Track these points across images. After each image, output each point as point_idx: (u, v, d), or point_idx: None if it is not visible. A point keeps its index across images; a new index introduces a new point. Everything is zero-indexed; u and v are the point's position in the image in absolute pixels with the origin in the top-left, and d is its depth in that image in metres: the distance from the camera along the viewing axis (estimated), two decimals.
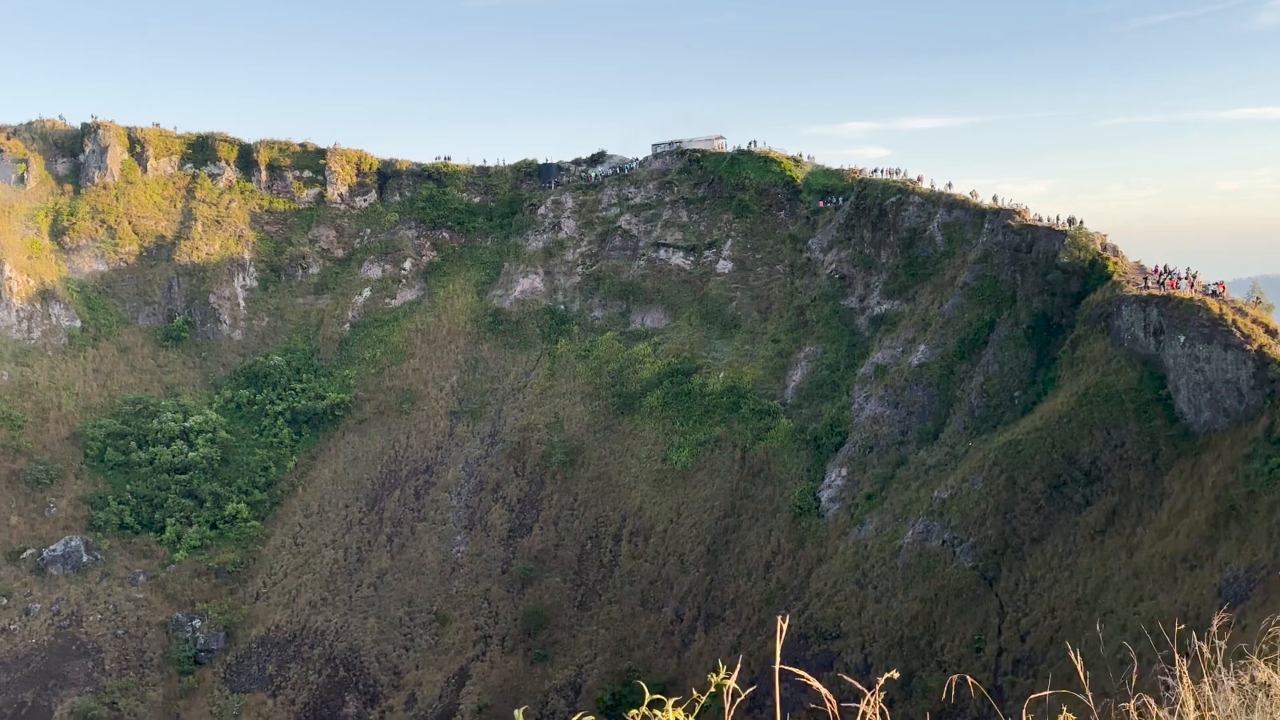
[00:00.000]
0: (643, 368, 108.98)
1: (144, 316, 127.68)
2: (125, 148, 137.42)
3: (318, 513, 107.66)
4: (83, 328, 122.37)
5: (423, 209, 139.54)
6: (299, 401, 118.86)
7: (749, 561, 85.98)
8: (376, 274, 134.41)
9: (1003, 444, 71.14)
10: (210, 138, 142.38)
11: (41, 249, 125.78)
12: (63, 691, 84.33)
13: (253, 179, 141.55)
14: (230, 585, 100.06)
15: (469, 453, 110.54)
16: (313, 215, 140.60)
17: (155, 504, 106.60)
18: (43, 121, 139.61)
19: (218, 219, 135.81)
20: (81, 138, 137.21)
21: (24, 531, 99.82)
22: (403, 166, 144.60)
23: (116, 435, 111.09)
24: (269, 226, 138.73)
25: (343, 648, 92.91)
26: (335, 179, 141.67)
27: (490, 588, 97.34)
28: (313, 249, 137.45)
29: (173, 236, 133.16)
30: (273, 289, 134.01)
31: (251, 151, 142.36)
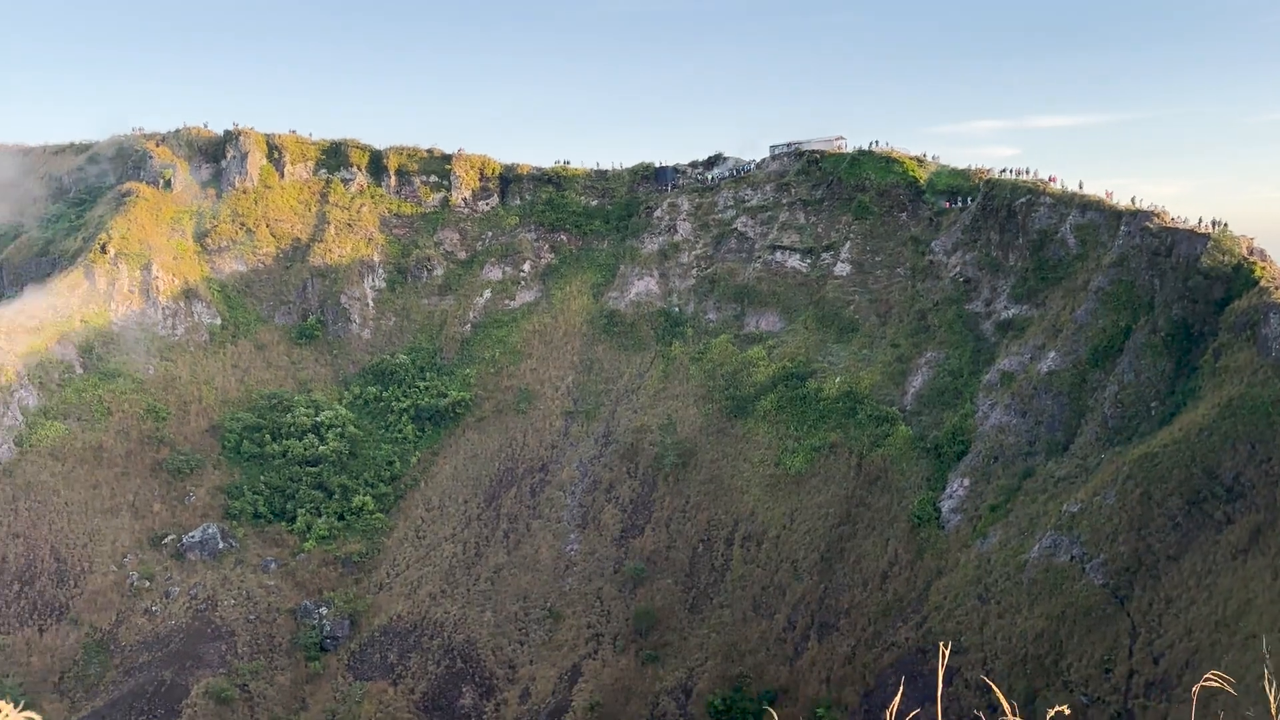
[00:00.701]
0: (757, 371, 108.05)
1: (280, 315, 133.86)
2: (264, 154, 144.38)
3: (438, 507, 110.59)
4: (223, 325, 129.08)
5: (542, 212, 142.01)
6: (422, 399, 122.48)
7: (864, 571, 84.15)
8: (496, 276, 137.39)
9: (1138, 457, 67.63)
10: (343, 144, 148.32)
11: (186, 250, 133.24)
12: (198, 672, 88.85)
13: (382, 184, 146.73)
14: (355, 575, 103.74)
15: (583, 452, 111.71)
16: (438, 219, 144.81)
17: (287, 495, 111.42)
18: (189, 129, 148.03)
19: (349, 222, 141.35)
20: (224, 144, 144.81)
21: (165, 518, 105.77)
22: (523, 171, 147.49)
23: (252, 428, 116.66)
24: (396, 229, 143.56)
25: (460, 640, 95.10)
26: (459, 183, 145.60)
27: (602, 586, 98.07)
28: (437, 251, 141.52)
29: (307, 239, 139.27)
30: (399, 290, 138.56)
31: (381, 157, 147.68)
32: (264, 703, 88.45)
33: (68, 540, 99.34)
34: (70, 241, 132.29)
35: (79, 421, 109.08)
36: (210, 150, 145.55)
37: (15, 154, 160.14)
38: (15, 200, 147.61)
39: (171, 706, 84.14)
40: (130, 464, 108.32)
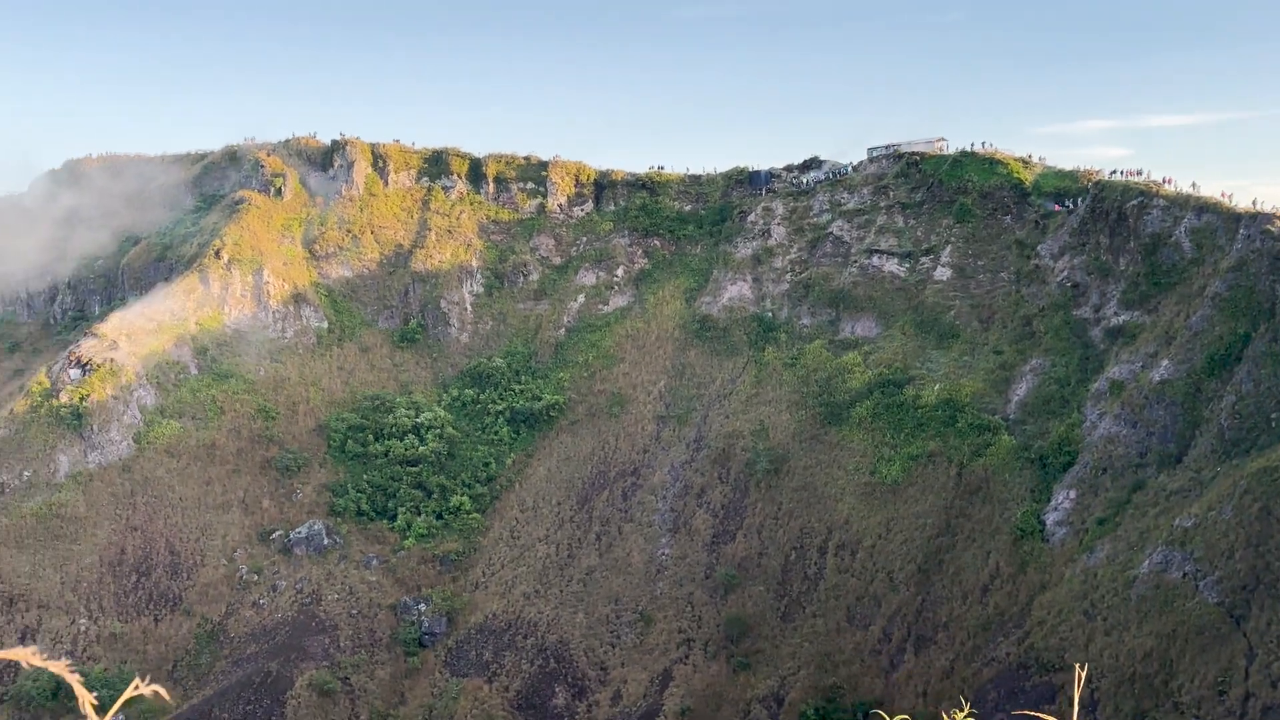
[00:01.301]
0: (852, 377, 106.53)
1: (383, 319, 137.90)
2: (369, 163, 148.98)
3: (532, 508, 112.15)
4: (329, 328, 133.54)
5: (635, 217, 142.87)
6: (518, 401, 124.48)
7: (964, 584, 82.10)
8: (590, 281, 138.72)
9: (1257, 470, 64.37)
10: (444, 153, 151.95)
11: (295, 256, 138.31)
12: (303, 664, 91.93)
13: (481, 191, 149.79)
14: (453, 573, 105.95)
15: (674, 457, 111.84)
16: (534, 224, 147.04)
17: (388, 493, 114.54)
18: (298, 139, 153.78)
19: (449, 229, 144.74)
20: (331, 154, 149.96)
21: (274, 514, 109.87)
22: (618, 177, 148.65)
23: (356, 428, 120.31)
24: (494, 235, 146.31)
25: (553, 640, 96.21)
26: (555, 190, 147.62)
27: (694, 592, 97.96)
28: (533, 257, 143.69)
29: (409, 245, 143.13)
30: (496, 294, 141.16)
31: (480, 165, 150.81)
32: (364, 696, 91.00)
33: (182, 534, 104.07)
34: (187, 247, 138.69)
35: (193, 420, 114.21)
36: (318, 159, 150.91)
37: (136, 163, 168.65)
38: (136, 208, 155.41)
39: (277, 697, 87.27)
40: (241, 462, 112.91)
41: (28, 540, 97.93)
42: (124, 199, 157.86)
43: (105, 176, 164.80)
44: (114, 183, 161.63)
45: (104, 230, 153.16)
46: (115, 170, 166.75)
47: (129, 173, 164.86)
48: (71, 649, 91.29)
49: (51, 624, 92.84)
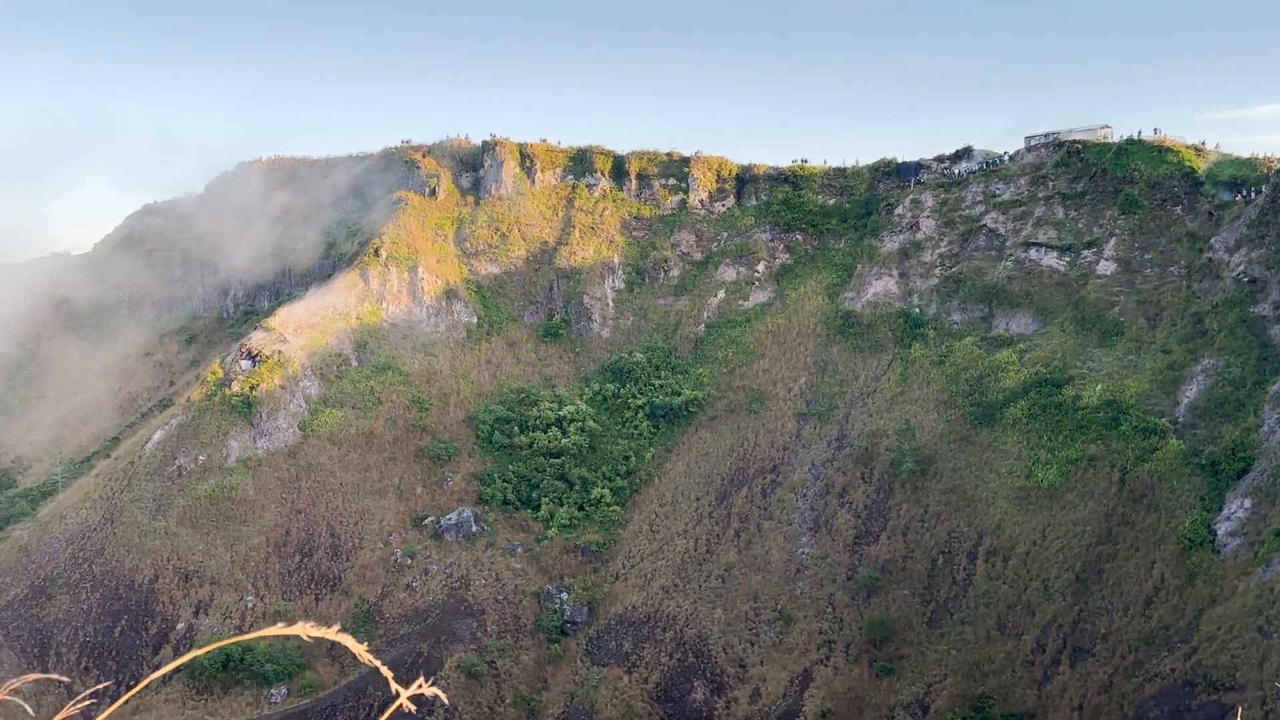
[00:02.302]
0: (1005, 376, 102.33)
1: (528, 314, 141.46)
2: (517, 162, 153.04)
3: (671, 503, 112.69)
4: (478, 323, 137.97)
5: (777, 212, 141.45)
6: (657, 396, 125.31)
7: (1125, 595, 77.69)
8: (731, 276, 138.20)
9: None
10: (588, 151, 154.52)
11: (448, 254, 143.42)
12: (452, 646, 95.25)
13: (623, 188, 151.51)
14: (594, 564, 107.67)
15: (815, 455, 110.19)
16: (675, 220, 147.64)
17: (532, 484, 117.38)
18: (451, 141, 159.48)
19: (592, 225, 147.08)
20: (482, 154, 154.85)
21: (426, 500, 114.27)
22: (760, 171, 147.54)
23: (503, 420, 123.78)
24: (636, 232, 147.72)
25: (692, 634, 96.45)
26: (697, 185, 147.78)
27: (835, 593, 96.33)
28: (674, 253, 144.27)
29: (554, 242, 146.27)
30: (637, 290, 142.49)
31: (623, 162, 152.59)
32: (509, 680, 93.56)
33: (342, 518, 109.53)
34: (349, 245, 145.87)
35: (353, 410, 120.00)
36: (470, 160, 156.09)
37: (302, 166, 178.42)
38: (302, 208, 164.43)
39: (428, 677, 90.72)
40: (397, 450, 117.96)
41: (202, 520, 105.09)
42: (290, 199, 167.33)
43: (273, 178, 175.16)
44: (282, 184, 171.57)
45: (273, 229, 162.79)
46: (282, 173, 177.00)
47: (295, 175, 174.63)
48: (239, 624, 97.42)
49: (222, 599, 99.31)
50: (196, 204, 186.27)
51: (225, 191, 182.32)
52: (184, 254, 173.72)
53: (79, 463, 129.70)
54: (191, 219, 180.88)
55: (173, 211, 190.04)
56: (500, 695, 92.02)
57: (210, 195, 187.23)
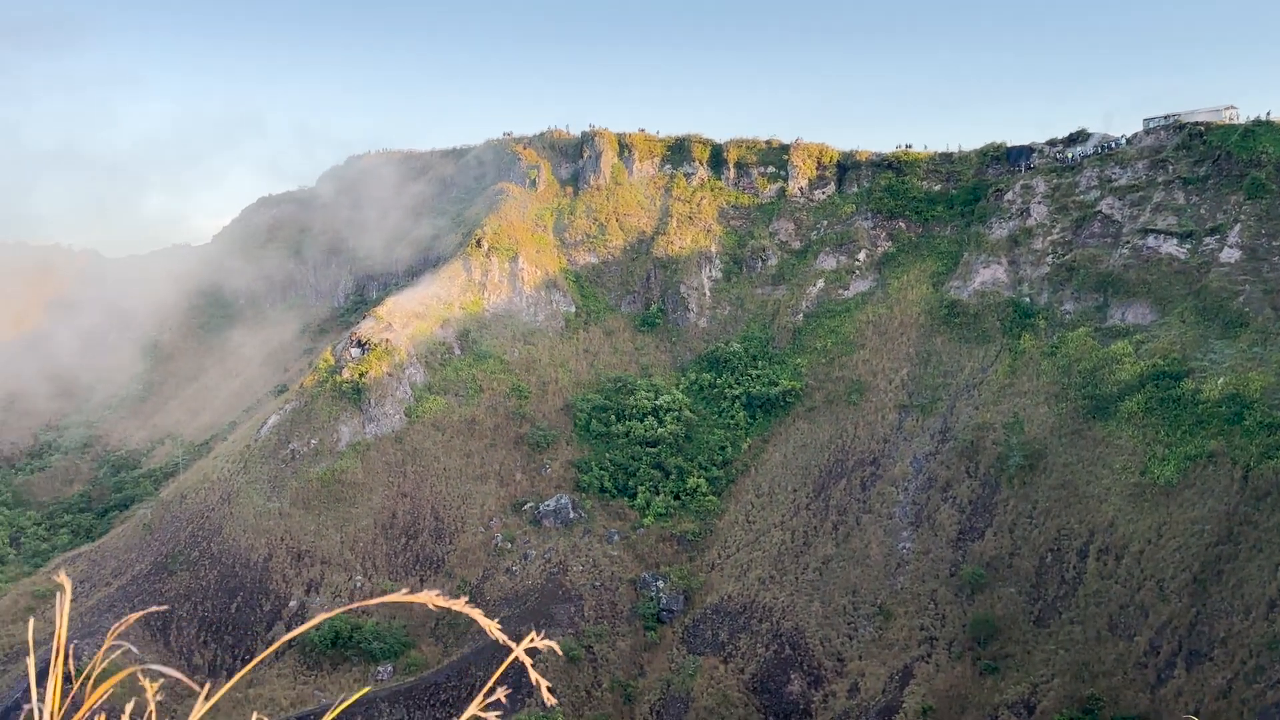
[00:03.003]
0: (1120, 369, 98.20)
1: (625, 304, 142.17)
2: (615, 152, 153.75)
3: (767, 494, 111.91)
4: (576, 313, 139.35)
5: (880, 199, 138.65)
6: (754, 387, 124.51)
7: (1247, 597, 73.84)
8: (831, 265, 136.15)
9: None
10: (686, 140, 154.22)
11: (547, 244, 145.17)
12: (552, 629, 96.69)
13: (721, 176, 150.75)
14: (689, 553, 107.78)
15: (917, 448, 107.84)
16: (773, 209, 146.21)
17: (629, 472, 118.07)
18: (551, 132, 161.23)
19: (690, 215, 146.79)
20: (581, 145, 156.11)
21: (525, 487, 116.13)
22: (862, 157, 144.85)
23: (600, 409, 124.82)
24: (733, 221, 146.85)
25: (788, 627, 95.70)
26: (796, 173, 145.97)
27: (937, 589, 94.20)
28: (772, 241, 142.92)
29: (651, 232, 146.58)
30: (734, 279, 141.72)
31: (721, 151, 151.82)
32: (606, 665, 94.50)
33: (445, 502, 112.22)
34: (452, 237, 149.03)
35: (456, 397, 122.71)
36: (569, 151, 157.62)
37: (409, 159, 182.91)
38: (408, 199, 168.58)
39: None
40: (497, 436, 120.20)
41: (314, 502, 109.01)
42: (397, 192, 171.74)
43: (382, 171, 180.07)
44: (389, 177, 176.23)
45: (380, 220, 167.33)
46: (390, 165, 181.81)
47: (402, 167, 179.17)
48: (348, 603, 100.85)
49: (332, 578, 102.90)
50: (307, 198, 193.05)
51: (334, 186, 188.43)
52: (295, 246, 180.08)
53: (197, 445, 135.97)
54: (303, 213, 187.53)
55: (285, 205, 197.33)
56: (597, 680, 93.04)
57: (319, 190, 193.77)
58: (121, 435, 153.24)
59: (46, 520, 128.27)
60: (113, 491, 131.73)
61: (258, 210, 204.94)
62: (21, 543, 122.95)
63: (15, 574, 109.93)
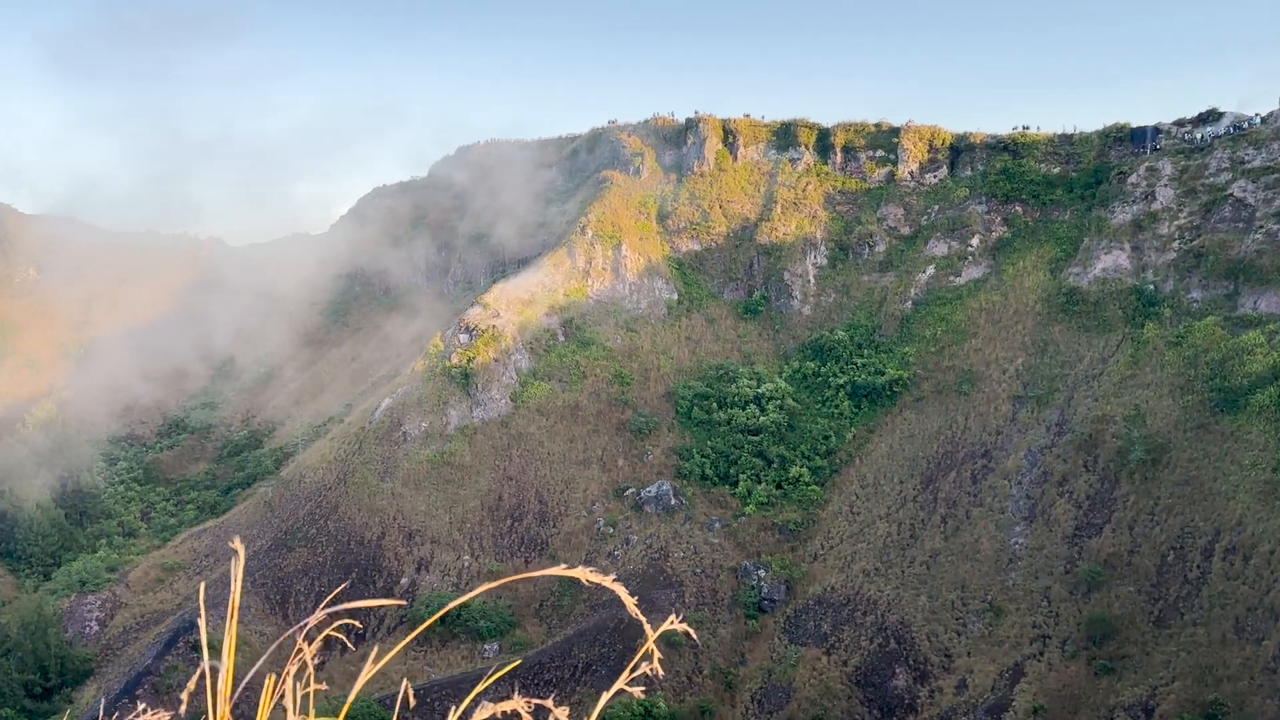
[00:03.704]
0: (1253, 360, 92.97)
1: (728, 291, 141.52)
2: (720, 138, 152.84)
3: (873, 485, 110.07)
4: (678, 300, 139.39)
5: (995, 183, 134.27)
6: (859, 376, 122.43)
7: None
8: (941, 251, 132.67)
9: None
10: (792, 124, 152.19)
11: (649, 231, 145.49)
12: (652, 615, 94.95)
13: (828, 161, 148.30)
14: (791, 543, 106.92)
15: (1032, 441, 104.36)
16: (882, 194, 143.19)
17: (730, 460, 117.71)
18: (656, 119, 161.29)
19: (795, 201, 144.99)
20: (685, 131, 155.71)
21: (627, 472, 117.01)
22: (976, 140, 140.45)
23: (701, 396, 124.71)
24: (840, 206, 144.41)
25: (894, 620, 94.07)
26: (906, 157, 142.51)
27: (1050, 586, 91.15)
28: (880, 227, 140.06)
29: (755, 218, 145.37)
30: (840, 266, 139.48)
31: (828, 135, 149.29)
32: (707, 653, 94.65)
33: (549, 486, 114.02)
34: (558, 224, 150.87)
35: (560, 383, 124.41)
36: (673, 138, 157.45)
37: (516, 148, 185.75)
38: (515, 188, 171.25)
39: (629, 643, 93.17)
40: (600, 422, 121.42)
41: (424, 483, 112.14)
42: (505, 181, 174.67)
43: (490, 160, 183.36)
44: (497, 166, 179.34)
45: (488, 209, 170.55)
46: (498, 155, 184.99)
47: (510, 157, 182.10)
48: (457, 581, 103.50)
49: (441, 558, 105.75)
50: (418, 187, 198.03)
51: (445, 175, 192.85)
52: (407, 234, 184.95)
53: (316, 426, 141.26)
54: (412, 201, 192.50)
55: (396, 194, 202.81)
56: (698, 666, 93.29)
57: (431, 179, 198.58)
58: (245, 415, 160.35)
59: (174, 496, 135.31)
60: (236, 470, 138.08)
61: (369, 200, 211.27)
62: (151, 517, 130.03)
63: (145, 547, 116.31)
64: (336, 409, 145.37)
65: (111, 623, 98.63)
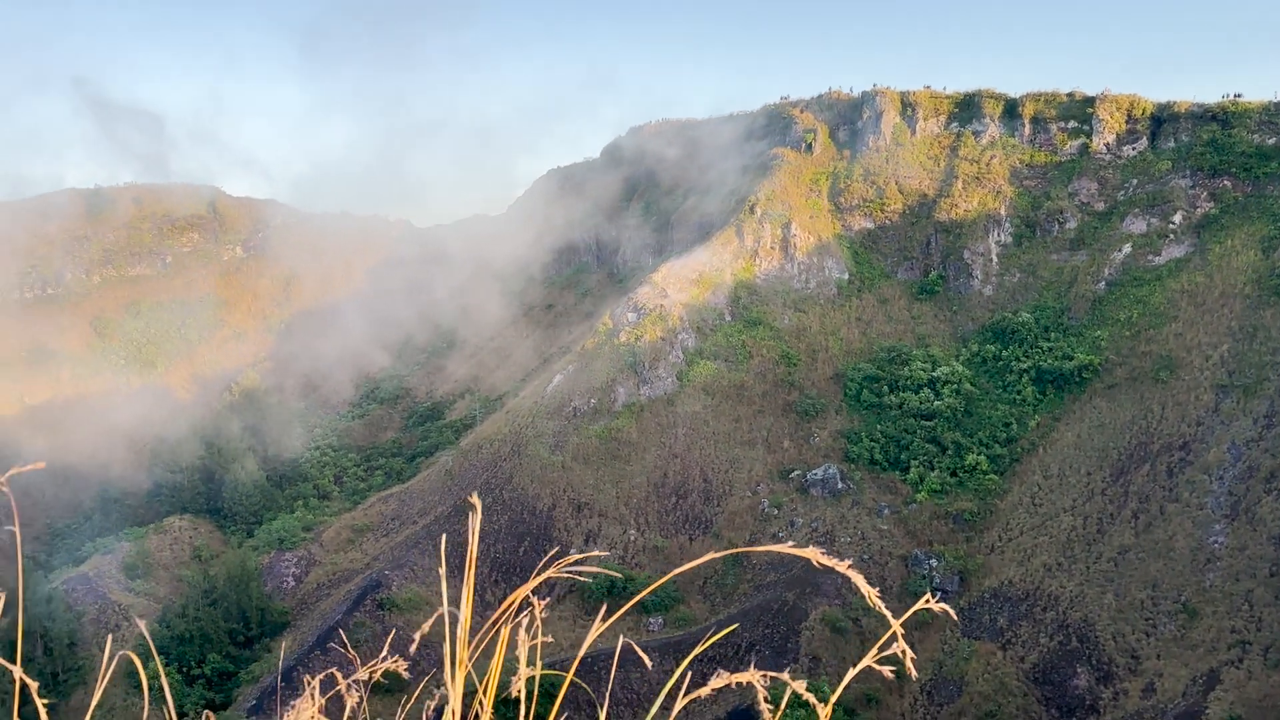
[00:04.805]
0: None
1: (902, 271, 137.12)
2: (897, 112, 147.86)
3: (1057, 476, 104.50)
4: (849, 280, 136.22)
5: (1201, 155, 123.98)
6: (1045, 360, 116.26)
7: None
8: (1139, 228, 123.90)
9: None
10: (976, 95, 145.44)
11: (820, 209, 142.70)
12: (816, 599, 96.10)
13: (1015, 133, 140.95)
14: (966, 533, 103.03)
15: (1236, 433, 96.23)
16: (1074, 167, 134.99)
17: (901, 445, 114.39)
18: (830, 94, 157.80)
19: (977, 176, 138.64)
20: (860, 106, 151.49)
21: (792, 455, 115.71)
22: (1181, 109, 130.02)
23: (872, 379, 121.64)
24: (1027, 181, 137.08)
25: (1076, 618, 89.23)
26: (1102, 128, 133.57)
27: (1254, 589, 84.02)
28: (1070, 203, 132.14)
29: (933, 195, 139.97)
30: (1026, 245, 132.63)
31: (1016, 106, 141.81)
32: (873, 639, 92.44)
33: (713, 465, 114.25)
34: (726, 203, 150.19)
35: (726, 363, 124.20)
36: (848, 113, 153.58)
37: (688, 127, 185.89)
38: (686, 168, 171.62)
39: (793, 625, 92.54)
40: (765, 403, 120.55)
41: (592, 458, 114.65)
42: (676, 160, 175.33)
43: (661, 141, 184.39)
44: (668, 146, 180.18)
45: (659, 189, 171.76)
46: (670, 134, 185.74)
47: (681, 136, 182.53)
48: (623, 555, 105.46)
49: (608, 531, 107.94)
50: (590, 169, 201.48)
51: (617, 155, 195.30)
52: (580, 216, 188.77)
53: (492, 400, 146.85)
54: (585, 182, 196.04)
55: (569, 176, 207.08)
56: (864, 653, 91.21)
57: (604, 159, 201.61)
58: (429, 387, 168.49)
59: (364, 463, 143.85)
60: (419, 439, 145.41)
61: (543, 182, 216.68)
62: (344, 481, 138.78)
63: (338, 509, 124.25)
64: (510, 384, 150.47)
65: (306, 579, 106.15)
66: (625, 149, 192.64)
